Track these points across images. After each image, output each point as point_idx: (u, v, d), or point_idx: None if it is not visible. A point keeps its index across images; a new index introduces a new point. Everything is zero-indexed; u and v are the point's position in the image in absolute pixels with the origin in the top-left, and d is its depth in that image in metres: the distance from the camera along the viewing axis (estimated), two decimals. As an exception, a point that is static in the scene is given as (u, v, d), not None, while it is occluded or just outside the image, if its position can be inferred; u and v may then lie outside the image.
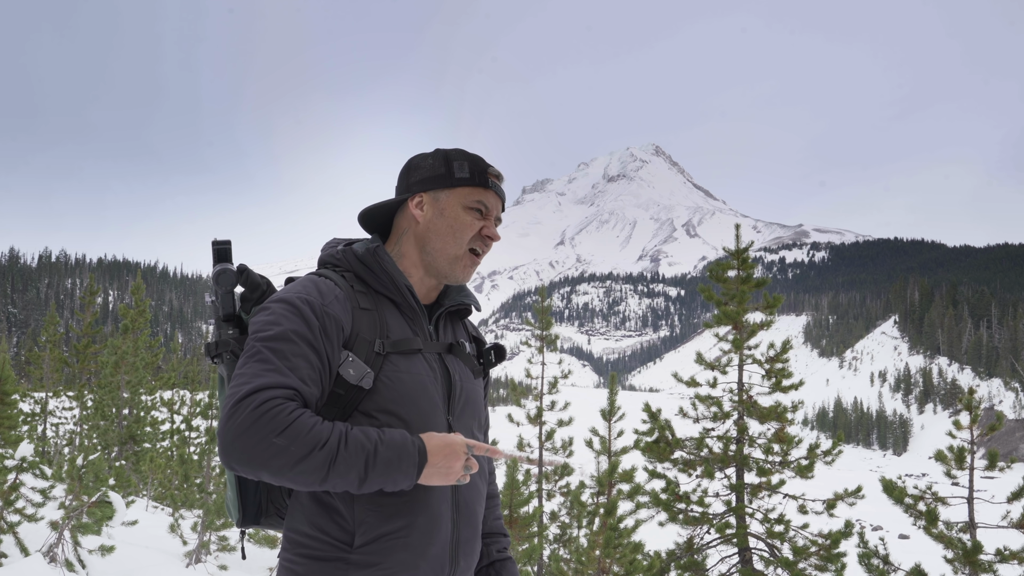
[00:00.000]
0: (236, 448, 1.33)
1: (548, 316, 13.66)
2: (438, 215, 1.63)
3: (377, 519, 1.47)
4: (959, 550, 6.91)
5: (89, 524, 5.71)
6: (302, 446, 1.33)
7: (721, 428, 9.42)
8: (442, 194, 1.63)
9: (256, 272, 1.65)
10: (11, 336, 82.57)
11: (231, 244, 1.62)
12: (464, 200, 1.63)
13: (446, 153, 1.66)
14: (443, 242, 1.63)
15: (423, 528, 1.50)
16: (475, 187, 1.64)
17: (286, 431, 1.33)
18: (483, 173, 1.64)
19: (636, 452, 9.78)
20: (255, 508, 1.62)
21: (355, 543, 1.46)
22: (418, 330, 1.62)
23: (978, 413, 7.32)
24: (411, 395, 1.54)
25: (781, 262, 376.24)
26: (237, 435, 1.33)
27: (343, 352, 1.50)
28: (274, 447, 1.32)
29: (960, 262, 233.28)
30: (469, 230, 1.64)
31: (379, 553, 1.46)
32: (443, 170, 1.63)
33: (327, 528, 1.48)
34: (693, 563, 8.89)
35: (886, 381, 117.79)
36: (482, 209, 1.65)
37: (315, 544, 1.48)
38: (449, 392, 1.63)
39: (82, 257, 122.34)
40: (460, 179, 1.63)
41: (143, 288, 17.28)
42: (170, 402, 18.36)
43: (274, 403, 1.35)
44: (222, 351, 1.57)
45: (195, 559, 8.76)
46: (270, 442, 1.32)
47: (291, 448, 1.33)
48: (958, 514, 7.79)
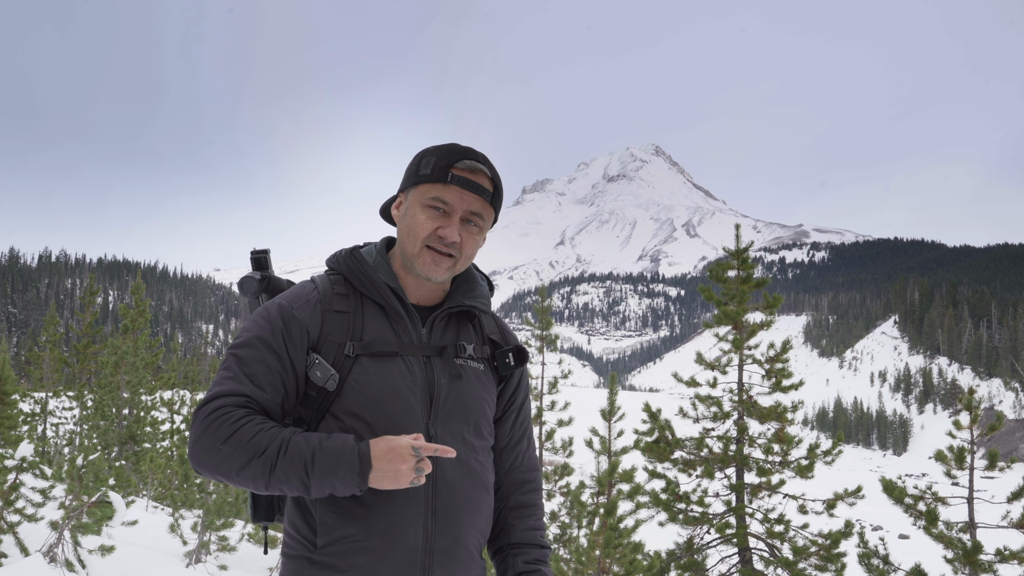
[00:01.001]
0: (193, 454, 1.44)
1: (548, 316, 13.67)
2: (403, 215, 1.63)
3: (336, 521, 1.49)
4: (959, 550, 6.91)
5: (89, 524, 5.71)
6: (243, 453, 1.41)
7: (721, 428, 9.42)
8: (411, 193, 1.62)
9: (282, 278, 1.71)
10: (11, 336, 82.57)
11: (268, 253, 1.70)
12: (421, 198, 1.59)
13: (425, 150, 1.62)
14: (403, 242, 1.63)
15: (382, 533, 1.49)
16: (433, 183, 1.58)
17: (230, 439, 1.41)
18: (444, 168, 1.57)
19: (636, 452, 9.78)
20: (267, 505, 1.68)
21: (317, 544, 1.50)
22: (401, 332, 1.60)
23: (978, 413, 7.32)
24: (379, 398, 1.52)
25: (781, 262, 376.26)
26: (193, 442, 1.44)
27: (311, 355, 1.54)
28: (221, 454, 1.41)
29: (960, 262, 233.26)
30: (422, 230, 1.58)
31: (338, 555, 1.48)
32: (414, 168, 1.62)
33: (300, 527, 1.53)
34: (693, 563, 8.89)
35: (886, 381, 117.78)
36: (439, 207, 1.58)
37: (291, 542, 1.55)
38: (432, 396, 1.59)
39: (82, 257, 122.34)
40: (422, 176, 1.59)
41: (143, 288, 17.28)
42: (170, 402, 18.36)
43: (222, 412, 1.44)
44: None
45: (195, 559, 8.76)
46: (217, 449, 1.42)
47: (234, 455, 1.41)
48: (958, 514, 7.78)
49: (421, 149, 1.66)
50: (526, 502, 1.77)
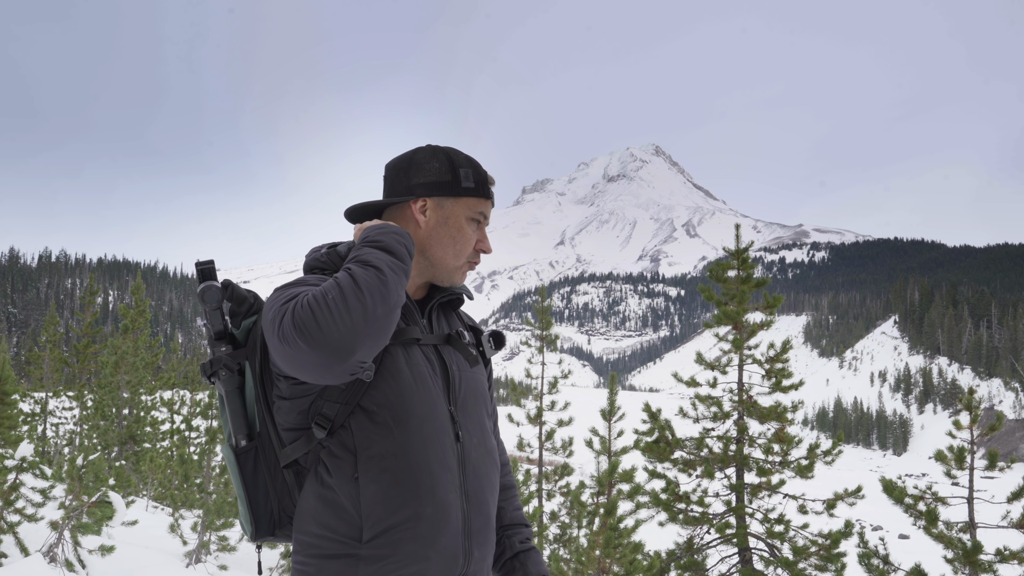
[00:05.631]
0: (311, 326, 1.32)
1: (548, 316, 13.67)
2: (442, 224, 1.62)
3: (384, 511, 1.46)
4: (959, 550, 6.91)
5: (89, 524, 5.71)
6: (366, 289, 1.35)
7: (721, 428, 9.42)
8: (447, 202, 1.62)
9: (241, 287, 1.62)
10: (11, 336, 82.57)
11: (214, 263, 1.60)
12: (468, 211, 1.63)
13: (449, 157, 1.63)
14: (444, 252, 1.63)
15: (431, 518, 1.49)
16: (479, 198, 1.64)
17: (347, 290, 1.34)
18: (484, 183, 1.64)
19: (636, 452, 9.78)
20: (268, 519, 1.59)
21: (363, 537, 1.46)
22: (412, 323, 1.61)
23: (978, 413, 7.32)
24: (410, 387, 1.53)
25: (781, 262, 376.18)
26: (308, 317, 1.32)
27: None
28: (349, 304, 1.33)
29: (960, 262, 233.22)
30: (469, 244, 1.64)
31: (388, 546, 1.46)
32: (449, 177, 1.61)
33: (335, 526, 1.47)
34: (693, 563, 8.89)
35: (886, 381, 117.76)
36: (480, 220, 1.65)
37: (324, 543, 1.48)
38: (448, 383, 1.62)
39: (82, 257, 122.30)
40: (466, 189, 1.62)
41: (143, 288, 17.26)
42: (170, 402, 18.34)
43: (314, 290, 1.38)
44: (217, 369, 1.55)
45: (195, 559, 8.76)
46: (345, 302, 1.33)
47: (364, 295, 1.34)
48: (958, 514, 7.78)
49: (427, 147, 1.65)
50: (508, 483, 1.84)
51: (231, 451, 1.57)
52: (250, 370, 1.57)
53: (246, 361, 1.57)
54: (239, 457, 1.57)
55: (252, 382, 1.58)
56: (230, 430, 1.58)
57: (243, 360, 1.57)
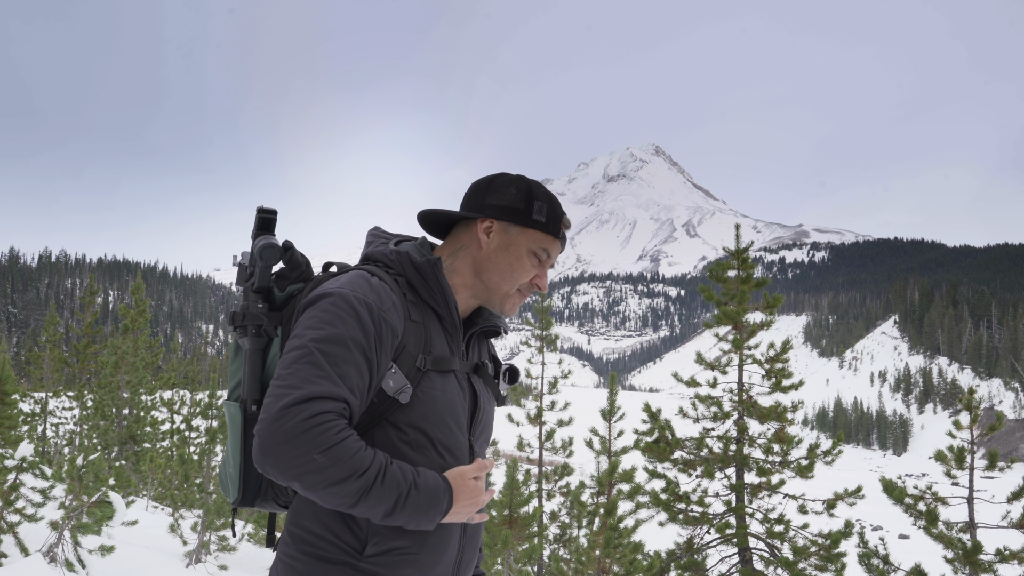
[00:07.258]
0: (276, 454, 1.30)
1: (548, 316, 13.66)
2: (503, 249, 1.60)
3: (391, 532, 1.45)
4: (959, 550, 6.91)
5: (89, 524, 5.71)
6: (342, 469, 1.31)
7: (721, 428, 9.42)
8: (514, 229, 1.60)
9: (299, 251, 1.58)
10: (11, 336, 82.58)
11: (276, 214, 1.56)
12: (532, 244, 1.61)
13: (530, 187, 1.62)
14: (499, 277, 1.61)
15: (433, 547, 1.50)
16: (547, 235, 1.62)
17: (330, 450, 1.30)
18: (557, 222, 1.62)
19: (636, 452, 9.78)
20: (255, 489, 1.56)
21: (366, 552, 1.44)
22: (455, 348, 1.59)
23: (978, 413, 7.32)
24: (442, 414, 1.52)
25: (781, 262, 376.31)
26: (281, 442, 1.29)
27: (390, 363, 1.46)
28: (314, 463, 1.29)
29: (960, 262, 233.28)
30: (525, 275, 1.62)
31: (387, 566, 1.45)
32: (522, 205, 1.60)
33: (339, 532, 1.45)
34: (693, 563, 8.89)
35: (886, 381, 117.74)
36: (543, 257, 1.63)
37: (323, 544, 1.45)
38: (473, 413, 1.62)
39: (82, 257, 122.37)
40: (536, 222, 1.60)
41: (143, 288, 17.27)
42: (170, 402, 18.34)
43: (325, 417, 1.32)
44: (248, 324, 1.51)
45: (195, 559, 8.76)
46: (311, 457, 1.29)
47: (330, 469, 1.30)
48: (958, 514, 7.78)
49: (513, 175, 1.63)
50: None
51: (240, 412, 1.52)
52: (280, 339, 1.53)
53: (279, 327, 1.53)
54: (247, 420, 1.51)
55: (277, 351, 1.53)
56: (243, 390, 1.53)
57: (278, 324, 1.53)
